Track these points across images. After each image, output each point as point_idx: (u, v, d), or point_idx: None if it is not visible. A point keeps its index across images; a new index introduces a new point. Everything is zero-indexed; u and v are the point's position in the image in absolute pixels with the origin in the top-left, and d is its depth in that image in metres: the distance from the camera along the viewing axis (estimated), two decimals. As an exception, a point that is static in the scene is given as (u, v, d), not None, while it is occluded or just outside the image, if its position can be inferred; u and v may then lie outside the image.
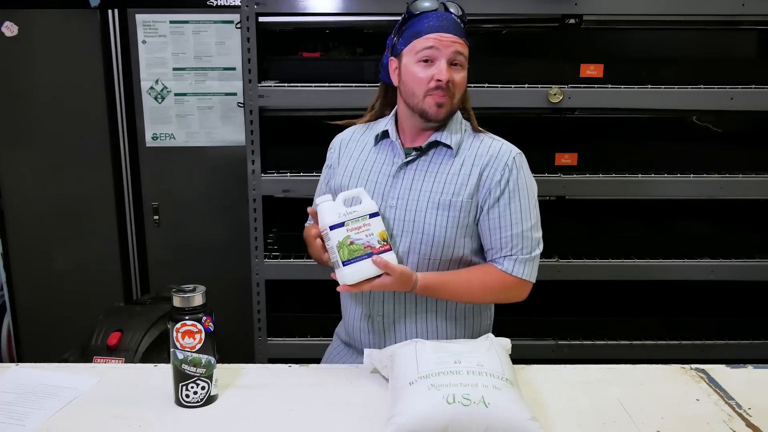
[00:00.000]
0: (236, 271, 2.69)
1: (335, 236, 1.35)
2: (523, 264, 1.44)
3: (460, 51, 1.40)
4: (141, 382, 1.37)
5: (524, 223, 1.44)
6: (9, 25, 2.66)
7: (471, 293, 1.47)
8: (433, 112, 1.41)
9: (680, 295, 2.44)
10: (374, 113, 1.61)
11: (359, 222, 1.36)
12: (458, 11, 1.43)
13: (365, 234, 1.36)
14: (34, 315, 2.92)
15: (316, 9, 2.11)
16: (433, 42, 1.38)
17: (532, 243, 1.45)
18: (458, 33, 1.40)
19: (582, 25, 2.15)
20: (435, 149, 1.47)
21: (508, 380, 1.19)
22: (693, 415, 1.25)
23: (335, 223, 1.35)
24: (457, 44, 1.39)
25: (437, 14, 1.40)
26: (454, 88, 1.41)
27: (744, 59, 2.54)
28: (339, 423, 1.22)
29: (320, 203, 1.39)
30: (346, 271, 1.34)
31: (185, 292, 1.23)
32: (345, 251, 1.34)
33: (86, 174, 2.80)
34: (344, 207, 1.37)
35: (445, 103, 1.41)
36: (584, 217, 2.43)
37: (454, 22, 1.41)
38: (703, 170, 2.23)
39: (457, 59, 1.40)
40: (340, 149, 1.59)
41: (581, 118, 2.27)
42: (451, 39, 1.39)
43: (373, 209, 1.39)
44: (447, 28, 1.39)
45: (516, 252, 1.43)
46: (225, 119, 2.78)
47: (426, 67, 1.40)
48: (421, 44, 1.39)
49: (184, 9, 2.68)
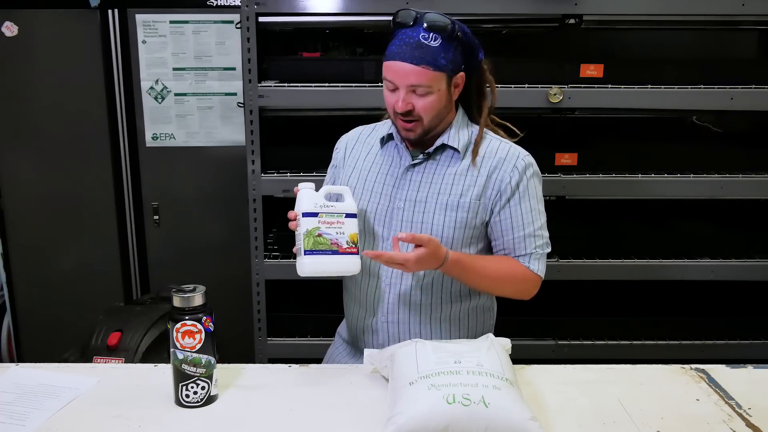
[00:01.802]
0: (236, 271, 2.69)
1: (305, 224, 1.35)
2: (538, 261, 1.46)
3: (415, 83, 1.34)
4: (141, 382, 1.37)
5: (535, 223, 1.46)
6: (9, 25, 2.66)
7: (496, 278, 1.45)
8: (402, 135, 1.45)
9: (680, 295, 2.44)
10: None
11: (333, 218, 1.36)
12: (434, 21, 1.34)
13: (336, 231, 1.35)
14: (34, 315, 2.92)
15: (316, 9, 2.11)
16: (389, 73, 1.37)
17: (543, 241, 1.47)
18: (416, 60, 1.33)
19: (582, 25, 2.15)
20: (442, 151, 1.48)
21: (508, 380, 1.19)
22: (693, 415, 1.25)
23: (309, 212, 1.35)
24: (412, 75, 1.33)
25: (403, 35, 1.36)
26: (420, 114, 1.38)
27: (744, 59, 2.54)
28: (339, 423, 1.22)
29: (301, 188, 1.39)
30: (305, 260, 1.34)
31: (185, 292, 1.23)
32: (310, 241, 1.34)
33: (86, 174, 2.80)
34: (323, 200, 1.37)
35: (413, 128, 1.41)
36: (584, 217, 2.43)
37: (416, 47, 1.33)
38: (703, 170, 2.23)
39: (417, 90, 1.36)
40: (345, 149, 1.59)
41: (581, 118, 2.27)
42: (406, 70, 1.34)
43: (352, 210, 1.38)
44: (403, 56, 1.34)
45: (530, 250, 1.45)
46: (225, 119, 2.78)
47: (391, 93, 1.40)
48: (384, 70, 1.39)
49: (184, 9, 2.68)
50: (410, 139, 1.45)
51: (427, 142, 1.47)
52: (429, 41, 1.34)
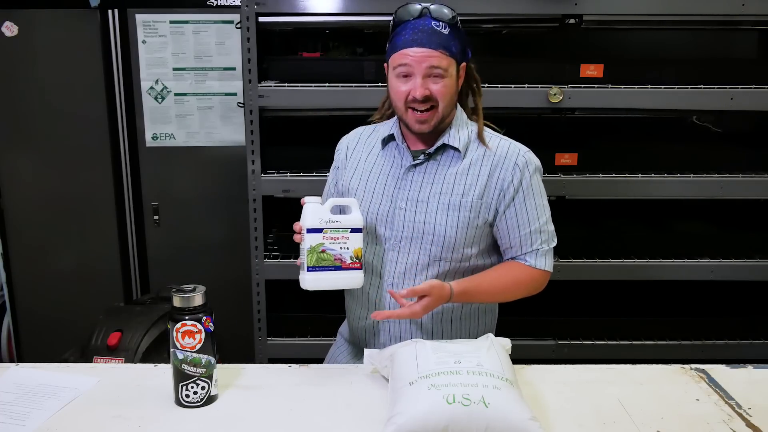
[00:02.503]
0: (236, 271, 2.69)
1: (309, 240, 1.35)
2: (544, 256, 1.48)
3: (435, 65, 1.38)
4: (141, 382, 1.37)
5: (540, 218, 1.47)
6: (9, 25, 2.66)
7: (505, 290, 1.48)
8: (415, 128, 1.44)
9: (680, 295, 2.44)
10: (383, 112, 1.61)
11: (338, 233, 1.36)
12: (441, 11, 1.40)
13: (340, 246, 1.36)
14: (34, 315, 2.92)
15: (316, 9, 2.11)
16: (406, 59, 1.38)
17: (549, 235, 1.49)
18: (434, 45, 1.37)
19: (582, 25, 2.15)
20: (443, 152, 1.48)
21: (508, 380, 1.19)
22: (693, 415, 1.25)
23: (313, 228, 1.35)
24: (431, 58, 1.37)
25: (414, 25, 1.39)
26: (437, 98, 1.40)
27: (744, 59, 2.54)
28: (339, 423, 1.22)
29: (307, 203, 1.39)
30: (307, 276, 1.36)
31: (185, 292, 1.23)
32: (314, 257, 1.35)
33: (86, 174, 2.80)
34: (329, 214, 1.37)
35: (427, 119, 1.41)
36: (584, 217, 2.43)
37: (431, 33, 1.38)
38: (703, 170, 2.23)
39: (434, 72, 1.39)
40: (347, 151, 1.60)
41: (581, 118, 2.27)
42: (424, 54, 1.37)
43: (358, 224, 1.38)
44: (421, 41, 1.37)
45: (537, 246, 1.47)
46: (225, 119, 2.78)
47: (404, 82, 1.40)
48: (397, 60, 1.40)
49: (184, 9, 2.68)
50: (423, 133, 1.44)
51: (428, 142, 1.47)
52: (440, 29, 1.39)
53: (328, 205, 1.39)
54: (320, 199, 1.41)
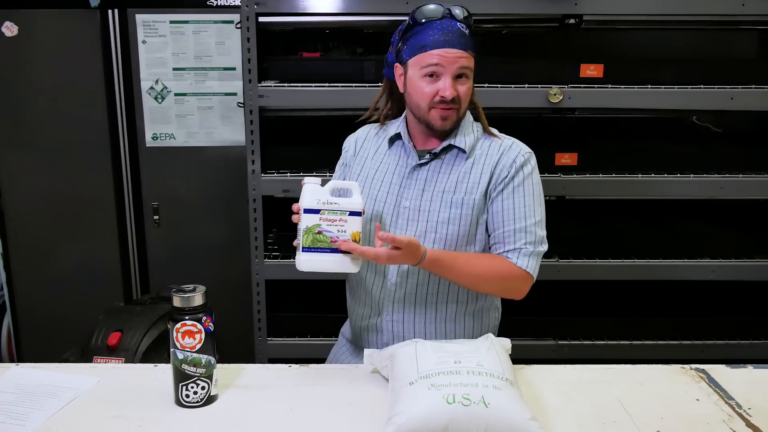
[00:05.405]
0: (236, 271, 2.69)
1: (306, 220, 1.34)
2: (527, 258, 1.43)
3: (466, 65, 1.40)
4: (141, 382, 1.37)
5: (528, 219, 1.44)
6: (9, 25, 2.66)
7: (477, 275, 1.42)
8: (438, 125, 1.43)
9: (680, 295, 2.44)
10: (380, 112, 1.60)
11: (336, 215, 1.34)
12: (463, 14, 1.41)
13: (337, 228, 1.34)
14: (34, 315, 2.92)
15: (316, 9, 2.11)
16: (438, 59, 1.38)
17: (536, 238, 1.45)
18: (464, 46, 1.39)
19: (582, 25, 2.15)
20: (448, 151, 1.49)
21: (508, 380, 1.19)
22: (693, 415, 1.25)
23: (310, 208, 1.34)
24: (462, 59, 1.39)
25: (442, 25, 1.39)
26: (461, 100, 1.42)
27: (744, 59, 2.54)
28: (339, 423, 1.22)
29: (306, 183, 1.37)
30: (302, 257, 1.34)
31: (185, 292, 1.23)
32: (309, 238, 1.33)
33: (86, 174, 2.80)
34: (328, 195, 1.35)
35: (450, 116, 1.42)
36: (584, 217, 2.43)
37: (460, 34, 1.39)
38: (703, 170, 2.23)
39: (464, 73, 1.40)
40: (355, 147, 1.60)
41: (581, 118, 2.27)
42: (456, 55, 1.38)
43: (357, 208, 1.36)
44: (452, 42, 1.38)
45: (520, 245, 1.43)
46: (225, 119, 2.78)
47: (431, 82, 1.40)
48: (427, 60, 1.39)
49: (184, 9, 2.68)
50: (443, 130, 1.44)
51: (435, 142, 1.48)
52: (465, 30, 1.40)
53: (329, 186, 1.36)
54: (318, 180, 1.38)
